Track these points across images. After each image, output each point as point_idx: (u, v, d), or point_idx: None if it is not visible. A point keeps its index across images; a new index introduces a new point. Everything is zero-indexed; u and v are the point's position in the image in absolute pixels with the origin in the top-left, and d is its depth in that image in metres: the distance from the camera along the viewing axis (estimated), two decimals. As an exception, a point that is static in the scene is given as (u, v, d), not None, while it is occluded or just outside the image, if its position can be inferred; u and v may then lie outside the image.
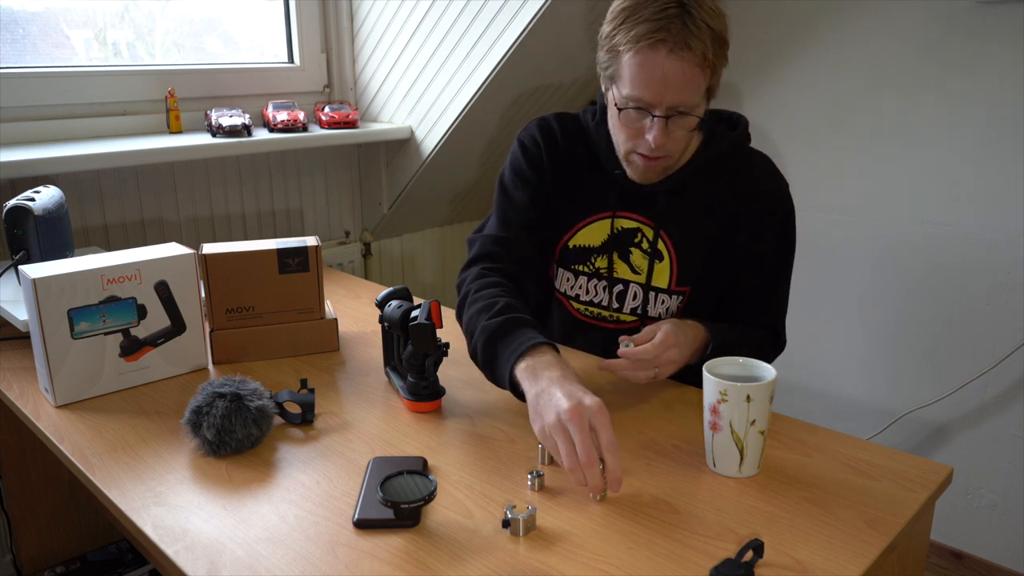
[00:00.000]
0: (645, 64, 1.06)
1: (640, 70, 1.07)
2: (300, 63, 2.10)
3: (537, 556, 0.80)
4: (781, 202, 1.26)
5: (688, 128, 1.13)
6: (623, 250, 1.27)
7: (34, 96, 1.67)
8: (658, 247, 1.25)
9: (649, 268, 1.26)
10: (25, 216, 1.31)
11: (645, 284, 1.27)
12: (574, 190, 1.28)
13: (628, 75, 1.08)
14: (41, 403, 1.15)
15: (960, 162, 1.89)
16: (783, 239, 1.27)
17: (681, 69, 1.05)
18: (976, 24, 1.81)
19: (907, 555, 0.91)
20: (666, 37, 1.04)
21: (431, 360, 1.11)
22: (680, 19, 1.04)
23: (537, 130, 1.29)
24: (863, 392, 2.16)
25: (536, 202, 1.27)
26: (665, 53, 1.04)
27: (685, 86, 1.07)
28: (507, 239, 1.25)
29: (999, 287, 1.88)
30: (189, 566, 0.78)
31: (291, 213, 2.11)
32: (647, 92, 1.08)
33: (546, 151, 1.27)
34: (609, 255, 1.28)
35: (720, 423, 0.92)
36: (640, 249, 1.26)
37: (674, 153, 1.16)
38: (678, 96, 1.07)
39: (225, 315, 1.28)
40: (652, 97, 1.08)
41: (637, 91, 1.08)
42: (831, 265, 2.15)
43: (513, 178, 1.29)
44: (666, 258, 1.25)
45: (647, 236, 1.25)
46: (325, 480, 0.94)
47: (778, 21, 2.11)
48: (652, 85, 1.07)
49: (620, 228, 1.26)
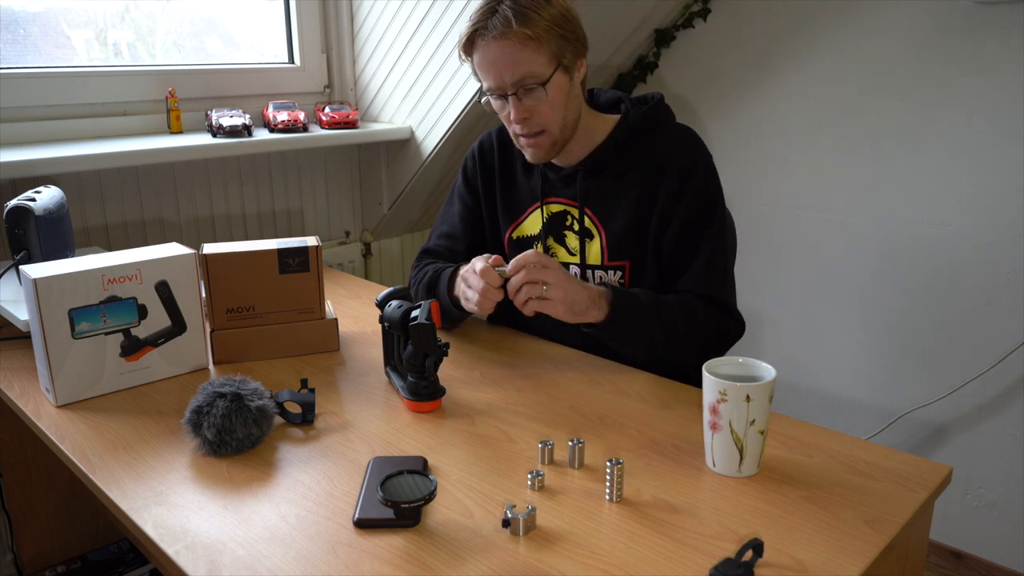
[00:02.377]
0: (478, 56, 1.22)
1: (478, 63, 1.23)
2: (300, 63, 2.10)
3: (537, 556, 0.80)
4: (696, 165, 1.28)
5: (541, 98, 1.21)
6: (558, 234, 1.37)
7: (35, 96, 1.67)
8: (586, 225, 1.33)
9: (581, 247, 1.34)
10: (26, 216, 1.31)
11: (580, 263, 1.33)
12: (510, 190, 1.42)
13: (478, 72, 1.25)
14: (42, 403, 1.15)
15: (960, 162, 1.89)
16: (702, 202, 1.27)
17: (502, 48, 1.19)
18: (975, 24, 1.81)
19: (906, 555, 0.91)
20: (481, 28, 1.20)
21: (431, 360, 1.11)
22: (492, 10, 1.19)
23: (476, 147, 1.46)
24: (863, 392, 2.16)
25: (469, 211, 1.46)
26: (487, 41, 1.20)
27: (514, 62, 1.19)
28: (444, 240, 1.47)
29: (999, 287, 1.89)
30: (190, 566, 0.79)
31: (291, 213, 2.11)
32: (487, 78, 1.23)
33: (479, 165, 1.44)
34: (545, 240, 1.37)
35: (720, 423, 0.92)
36: (572, 231, 1.35)
37: (549, 125, 1.24)
38: (513, 72, 1.19)
39: (225, 315, 1.28)
40: (494, 80, 1.22)
41: (484, 81, 1.24)
42: (831, 265, 2.15)
43: (452, 193, 1.50)
44: (596, 236, 1.33)
45: (575, 217, 1.34)
46: (325, 480, 0.94)
47: (777, 21, 2.11)
48: (487, 70, 1.22)
49: (551, 213, 1.37)
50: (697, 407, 0.99)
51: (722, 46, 2.24)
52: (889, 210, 2.02)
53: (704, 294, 1.26)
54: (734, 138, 2.26)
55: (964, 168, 1.89)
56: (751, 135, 2.23)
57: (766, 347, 2.32)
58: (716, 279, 1.27)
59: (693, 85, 2.32)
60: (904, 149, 1.97)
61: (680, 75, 2.34)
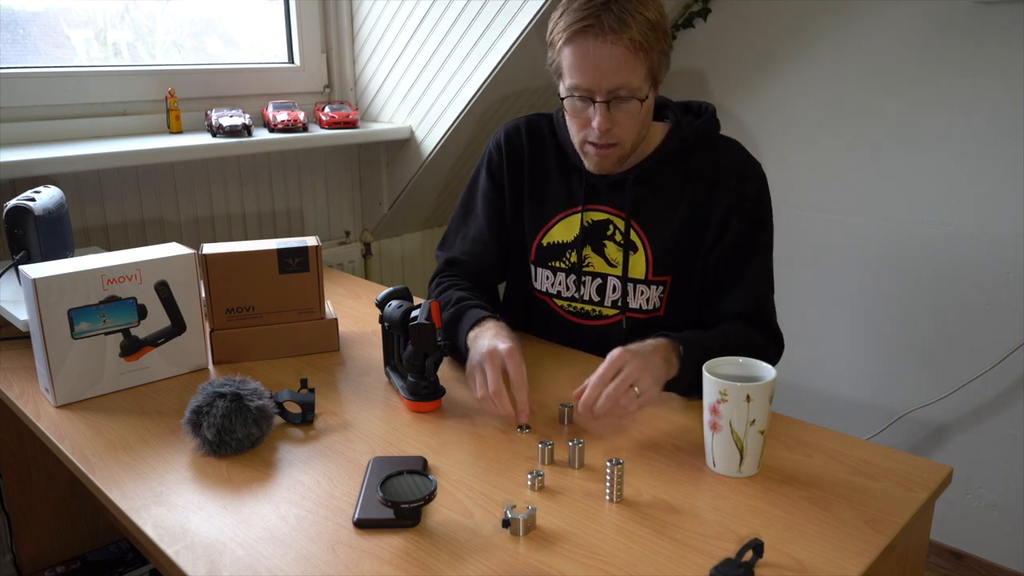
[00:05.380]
0: (577, 51, 1.12)
1: (574, 58, 1.13)
2: (300, 63, 2.10)
3: (537, 556, 0.80)
4: (751, 183, 1.24)
5: (632, 112, 1.15)
6: (597, 243, 1.29)
7: (34, 96, 1.67)
8: (631, 238, 1.26)
9: (624, 260, 1.27)
10: (25, 216, 1.31)
11: (622, 276, 1.27)
12: (542, 189, 1.32)
13: (566, 66, 1.14)
14: (41, 403, 1.15)
15: (960, 162, 1.89)
16: (756, 221, 1.23)
17: (611, 53, 1.10)
18: (975, 24, 1.81)
19: (907, 555, 0.91)
20: (594, 23, 1.09)
21: (431, 360, 1.11)
22: (607, 6, 1.09)
23: (502, 137, 1.35)
24: (863, 392, 2.16)
25: (497, 211, 1.35)
26: (594, 39, 1.10)
27: (618, 70, 1.11)
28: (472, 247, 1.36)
29: (999, 287, 1.88)
30: (189, 566, 0.79)
31: (291, 213, 2.11)
32: (583, 78, 1.13)
33: (507, 159, 1.33)
34: (582, 249, 1.29)
35: (720, 423, 0.92)
36: (614, 241, 1.27)
37: (624, 140, 1.18)
38: (613, 80, 1.11)
39: (225, 315, 1.28)
40: (588, 83, 1.13)
41: (575, 79, 1.14)
42: (831, 265, 2.15)
43: (472, 191, 1.38)
44: (640, 249, 1.26)
45: (619, 228, 1.27)
46: (325, 480, 0.94)
47: (777, 21, 2.11)
48: (586, 71, 1.12)
49: (591, 221, 1.29)
50: (697, 407, 0.99)
51: (722, 46, 2.24)
52: (889, 210, 2.02)
53: (754, 317, 1.22)
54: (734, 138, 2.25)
55: (964, 168, 1.89)
56: (751, 135, 2.23)
57: (766, 347, 2.32)
58: (765, 303, 1.24)
59: (693, 85, 2.32)
60: (904, 149, 1.97)
61: (680, 75, 2.34)
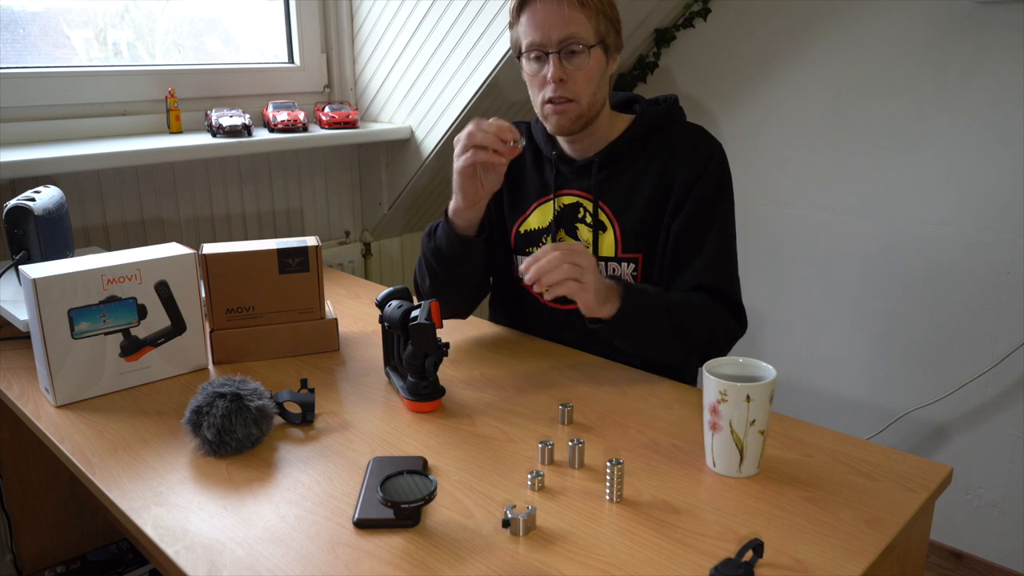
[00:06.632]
0: (529, 13, 1.23)
1: (528, 21, 1.24)
2: (300, 63, 2.10)
3: (537, 556, 0.80)
4: (709, 160, 1.29)
5: (582, 66, 1.23)
6: (569, 226, 1.36)
7: (34, 96, 1.67)
8: (600, 218, 1.33)
9: (595, 239, 1.34)
10: (25, 216, 1.31)
11: (594, 256, 1.30)
12: (520, 183, 1.42)
13: (522, 32, 1.25)
14: (41, 403, 1.15)
15: (959, 162, 1.89)
16: (713, 195, 1.28)
17: (559, 8, 1.21)
18: (975, 24, 1.81)
19: (907, 555, 0.91)
20: None
21: (431, 360, 1.11)
22: None
23: None
24: (863, 392, 2.16)
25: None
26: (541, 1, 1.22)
27: (567, 21, 1.21)
28: None
29: (999, 287, 1.89)
30: (189, 566, 0.79)
31: (291, 213, 2.11)
32: (535, 34, 1.23)
33: None
34: (556, 233, 1.37)
35: (720, 423, 0.92)
36: (584, 223, 1.35)
37: (580, 96, 1.24)
38: (562, 30, 1.21)
39: (225, 315, 1.28)
40: (541, 37, 1.22)
41: (529, 38, 1.24)
42: (831, 265, 2.15)
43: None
44: (609, 228, 1.33)
45: (588, 209, 1.34)
46: (325, 480, 0.94)
47: (776, 22, 2.11)
48: (537, 25, 1.22)
49: (562, 205, 1.36)
50: (697, 407, 0.99)
51: (722, 46, 2.24)
52: (889, 210, 2.02)
53: (714, 287, 1.26)
54: (734, 138, 2.26)
55: (964, 168, 1.89)
56: (751, 135, 2.23)
57: (766, 347, 2.32)
58: (726, 272, 1.28)
59: (693, 85, 2.32)
60: (904, 149, 1.97)
61: (680, 75, 2.34)
